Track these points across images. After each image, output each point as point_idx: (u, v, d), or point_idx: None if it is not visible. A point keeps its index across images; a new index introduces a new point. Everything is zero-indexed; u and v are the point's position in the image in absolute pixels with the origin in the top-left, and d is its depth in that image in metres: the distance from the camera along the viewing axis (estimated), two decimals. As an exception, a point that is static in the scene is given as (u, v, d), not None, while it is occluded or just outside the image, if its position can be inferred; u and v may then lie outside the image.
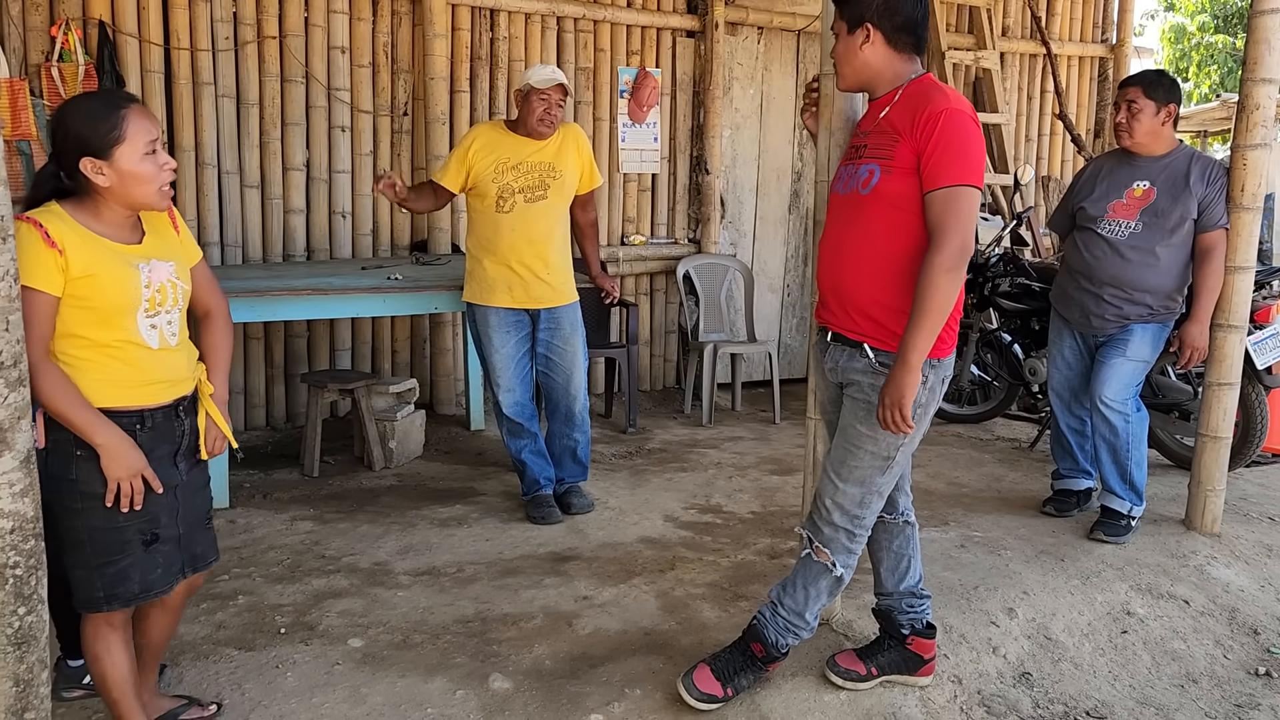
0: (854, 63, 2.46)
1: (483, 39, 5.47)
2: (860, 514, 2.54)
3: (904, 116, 2.36)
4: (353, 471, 4.58)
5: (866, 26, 2.41)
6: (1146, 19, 16.77)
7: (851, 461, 2.50)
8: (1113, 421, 3.78)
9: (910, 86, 2.43)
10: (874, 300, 2.43)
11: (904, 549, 2.76)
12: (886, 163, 2.37)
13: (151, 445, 2.15)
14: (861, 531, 2.58)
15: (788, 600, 2.66)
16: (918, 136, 2.31)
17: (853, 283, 2.47)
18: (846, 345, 2.52)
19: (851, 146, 2.56)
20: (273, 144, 5.02)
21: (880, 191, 2.38)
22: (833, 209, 2.57)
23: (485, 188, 3.86)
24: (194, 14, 4.74)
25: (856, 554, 2.61)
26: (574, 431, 4.10)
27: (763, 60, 6.26)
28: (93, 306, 2.06)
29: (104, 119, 2.06)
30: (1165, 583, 3.46)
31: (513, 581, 3.41)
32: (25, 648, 1.94)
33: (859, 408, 2.49)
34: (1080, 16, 7.29)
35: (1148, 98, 3.70)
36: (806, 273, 6.64)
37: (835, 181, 2.59)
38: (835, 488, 2.53)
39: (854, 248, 2.45)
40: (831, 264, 2.53)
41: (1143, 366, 3.79)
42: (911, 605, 2.78)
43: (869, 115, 2.52)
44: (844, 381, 2.55)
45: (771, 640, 2.66)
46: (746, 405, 6.01)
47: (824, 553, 2.58)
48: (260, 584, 3.34)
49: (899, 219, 2.37)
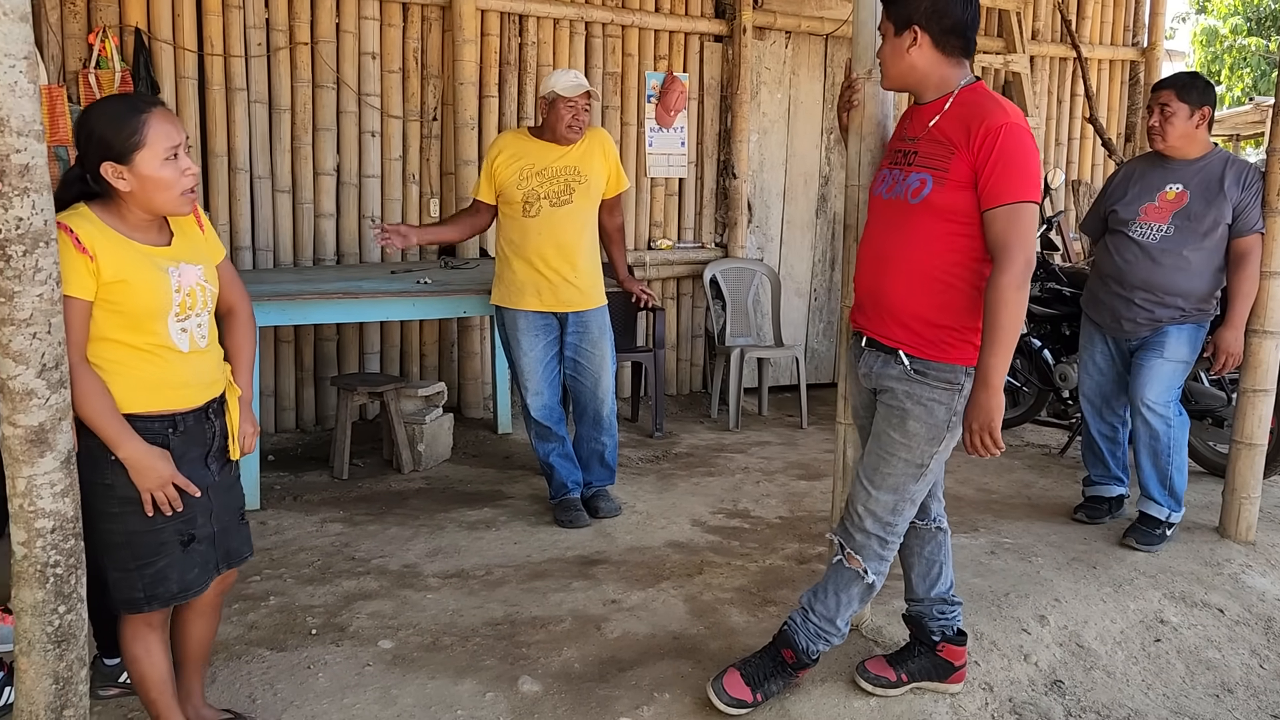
0: (900, 65, 2.44)
1: (511, 44, 5.49)
2: (893, 521, 2.53)
3: (959, 128, 2.34)
4: (382, 474, 4.61)
5: (914, 29, 2.38)
6: (1178, 21, 16.59)
7: (885, 469, 2.49)
8: (1154, 425, 3.74)
9: (963, 94, 2.40)
10: (913, 311, 2.42)
11: (936, 555, 2.74)
12: (940, 174, 2.35)
13: (183, 449, 2.16)
14: (894, 538, 2.56)
15: (819, 606, 2.65)
16: (975, 151, 2.29)
17: (893, 291, 2.45)
18: (881, 351, 2.51)
19: (897, 150, 2.53)
20: (304, 149, 5.07)
21: (931, 203, 2.36)
22: (875, 213, 2.55)
23: (511, 194, 3.89)
24: (227, 21, 4.80)
25: (888, 561, 2.60)
26: (602, 435, 4.11)
27: (790, 64, 6.25)
28: (124, 310, 2.06)
29: (125, 123, 2.03)
30: (1199, 591, 3.42)
31: (541, 585, 3.42)
32: (65, 645, 1.97)
33: (893, 414, 2.48)
34: (1111, 20, 7.23)
35: (1181, 101, 3.67)
36: (833, 277, 6.62)
37: (877, 184, 2.57)
38: (868, 494, 2.52)
39: (897, 256, 2.43)
40: (872, 270, 2.51)
41: (1182, 368, 3.75)
42: (943, 612, 2.76)
43: (916, 120, 2.49)
44: (878, 387, 2.54)
45: (802, 646, 2.65)
46: (773, 410, 6.00)
47: (855, 559, 2.57)
48: (291, 585, 3.37)
49: (947, 231, 2.36)
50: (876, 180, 2.58)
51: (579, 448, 4.15)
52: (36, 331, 1.85)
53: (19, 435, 1.88)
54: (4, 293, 1.83)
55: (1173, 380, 3.75)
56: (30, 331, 1.85)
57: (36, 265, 1.83)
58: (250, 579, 3.39)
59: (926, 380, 2.43)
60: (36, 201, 1.82)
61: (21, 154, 1.79)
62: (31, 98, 1.79)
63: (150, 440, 2.09)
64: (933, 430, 2.44)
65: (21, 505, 1.90)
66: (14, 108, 1.76)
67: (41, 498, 1.91)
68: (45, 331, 1.87)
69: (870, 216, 2.58)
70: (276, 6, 4.91)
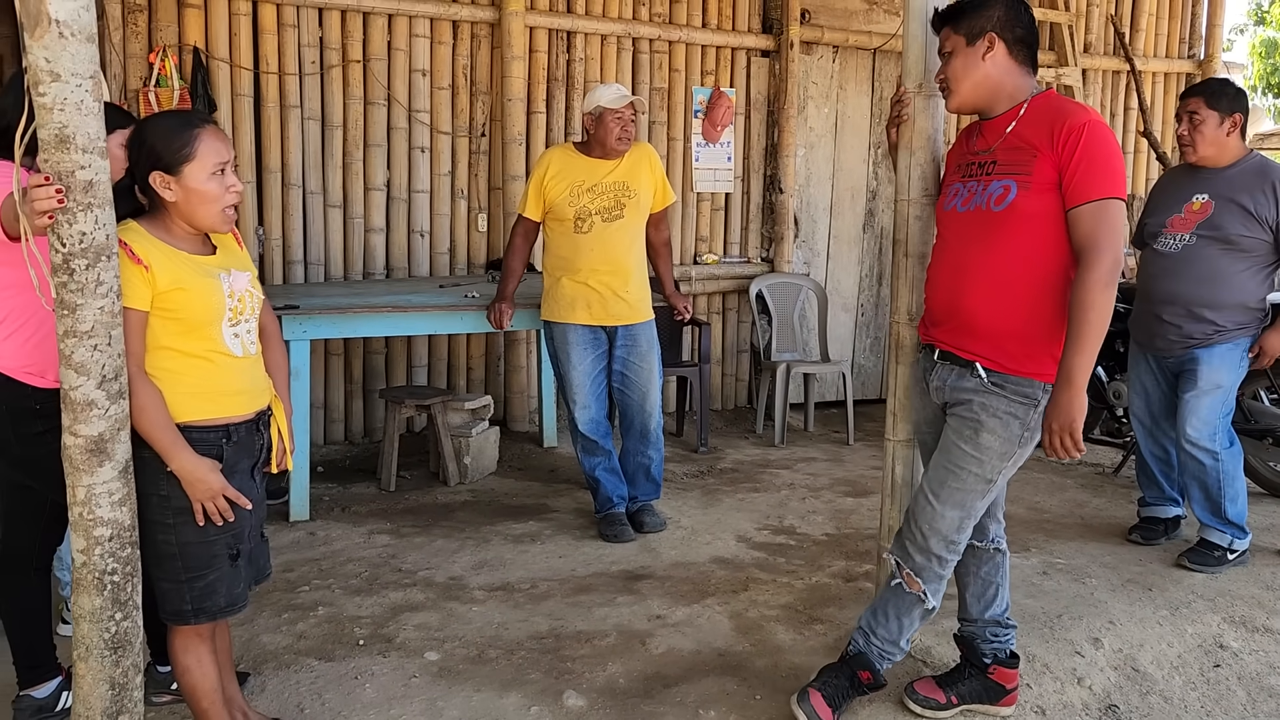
0: (974, 76, 2.42)
1: (559, 60, 5.54)
2: (956, 540, 2.50)
3: (1039, 131, 2.33)
4: (428, 486, 4.64)
5: (990, 36, 2.38)
6: (1235, 33, 16.28)
7: (953, 483, 2.45)
8: (1200, 459, 3.64)
9: (1036, 101, 2.40)
10: (994, 323, 2.39)
11: (992, 576, 2.70)
12: (1024, 179, 2.32)
13: (235, 460, 2.19)
14: (954, 558, 2.53)
15: (880, 630, 2.62)
16: (1059, 150, 2.28)
17: (974, 303, 2.42)
18: (956, 364, 2.47)
19: (971, 163, 2.50)
20: (355, 165, 5.14)
21: (1017, 208, 2.33)
22: (950, 227, 2.52)
23: (562, 211, 3.91)
24: (282, 39, 4.89)
25: (946, 580, 2.56)
26: (648, 449, 4.10)
27: (838, 79, 6.23)
28: (181, 318, 2.10)
29: (178, 136, 2.09)
30: (1260, 615, 3.33)
31: (586, 599, 3.42)
32: (121, 652, 2.01)
33: (965, 427, 2.44)
34: (1166, 32, 7.12)
35: (1210, 108, 3.56)
36: (881, 292, 6.57)
37: (949, 198, 2.54)
38: (933, 511, 2.48)
39: (980, 267, 2.40)
40: (950, 283, 2.48)
41: (1222, 394, 3.61)
42: (996, 634, 2.71)
43: (988, 132, 2.47)
44: (950, 401, 2.50)
45: (873, 667, 2.64)
46: (819, 426, 5.95)
47: (916, 582, 2.53)
48: (339, 595, 3.40)
49: (1032, 239, 2.33)
50: (947, 195, 2.56)
51: (625, 462, 4.15)
52: (97, 343, 1.90)
53: (79, 445, 1.92)
54: (67, 305, 1.87)
55: (1212, 412, 3.62)
56: (91, 343, 1.89)
57: (98, 279, 1.88)
58: (299, 589, 3.43)
59: (1004, 393, 2.39)
60: (99, 216, 1.87)
61: (86, 170, 1.83)
62: (97, 116, 1.84)
63: (205, 450, 2.12)
64: (1005, 444, 2.41)
65: (81, 514, 1.95)
66: (80, 125, 1.81)
67: (100, 506, 1.95)
68: (106, 343, 1.91)
69: (944, 230, 2.56)
70: (330, 25, 5.00)
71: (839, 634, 3.16)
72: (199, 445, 2.11)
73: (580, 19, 5.51)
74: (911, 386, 2.75)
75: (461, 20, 5.28)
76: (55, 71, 1.78)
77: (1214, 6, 7.17)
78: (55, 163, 1.82)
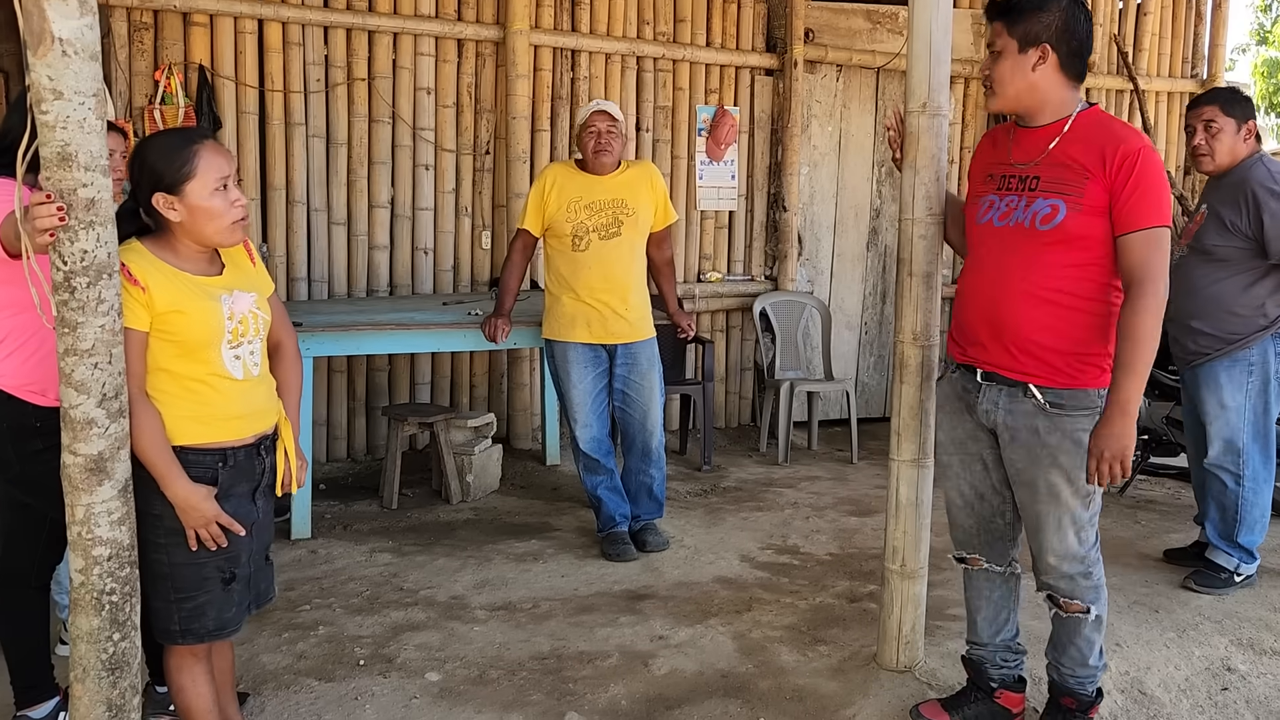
0: (1020, 84, 2.35)
1: (564, 79, 5.55)
2: (1085, 552, 2.46)
3: (1089, 151, 2.28)
4: (431, 504, 4.62)
5: (1044, 47, 2.31)
6: (1238, 53, 16.31)
7: (1055, 512, 2.42)
8: (1222, 479, 3.63)
9: (1083, 118, 2.35)
10: (1042, 340, 2.35)
11: (1005, 601, 2.67)
12: (1075, 200, 2.28)
13: (231, 483, 2.16)
14: (1095, 565, 2.49)
15: (1065, 660, 2.59)
16: (1111, 175, 2.24)
17: (1019, 320, 2.37)
18: (1005, 385, 2.42)
19: (1009, 176, 2.43)
20: (359, 182, 5.15)
21: (1066, 229, 2.29)
22: (986, 241, 2.45)
23: (561, 227, 3.91)
24: (288, 58, 4.91)
25: (1102, 584, 2.52)
26: (650, 468, 4.09)
27: (841, 98, 6.24)
28: (178, 340, 2.09)
29: (176, 155, 2.07)
30: (1268, 638, 3.30)
31: (588, 619, 3.40)
32: (118, 673, 1.99)
33: (1040, 456, 2.39)
34: (1169, 52, 7.12)
35: (1227, 115, 3.51)
36: (884, 311, 6.55)
37: (983, 210, 2.47)
38: (1047, 545, 2.46)
39: (1025, 285, 2.35)
40: (990, 299, 2.42)
41: (1234, 413, 3.56)
42: (1006, 659, 2.69)
43: (1028, 143, 2.41)
44: (1007, 427, 2.44)
45: (1073, 692, 2.61)
46: (823, 444, 5.93)
47: (1074, 605, 2.50)
48: (340, 615, 3.38)
49: (1079, 258, 2.31)
50: (981, 208, 2.48)
51: (627, 480, 4.13)
52: (98, 362, 1.89)
53: (79, 463, 1.91)
54: (68, 323, 1.87)
55: (1226, 431, 3.58)
56: (92, 361, 1.88)
57: (99, 297, 1.87)
58: (300, 608, 3.41)
59: (1065, 411, 2.36)
60: (101, 235, 1.86)
61: (88, 188, 1.83)
62: (99, 134, 1.84)
63: (199, 473, 2.10)
64: (1084, 457, 2.36)
65: (80, 533, 1.94)
66: (82, 144, 1.81)
67: (99, 525, 1.94)
68: (106, 361, 1.91)
69: (978, 244, 2.49)
70: (335, 43, 5.02)
71: (843, 655, 3.14)
72: (193, 468, 2.10)
73: (584, 38, 5.52)
74: (940, 405, 2.67)
75: (466, 39, 5.30)
76: (58, 89, 1.78)
77: (1216, 27, 7.18)
78: (57, 180, 1.81)
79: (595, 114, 3.89)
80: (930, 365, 2.85)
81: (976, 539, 2.64)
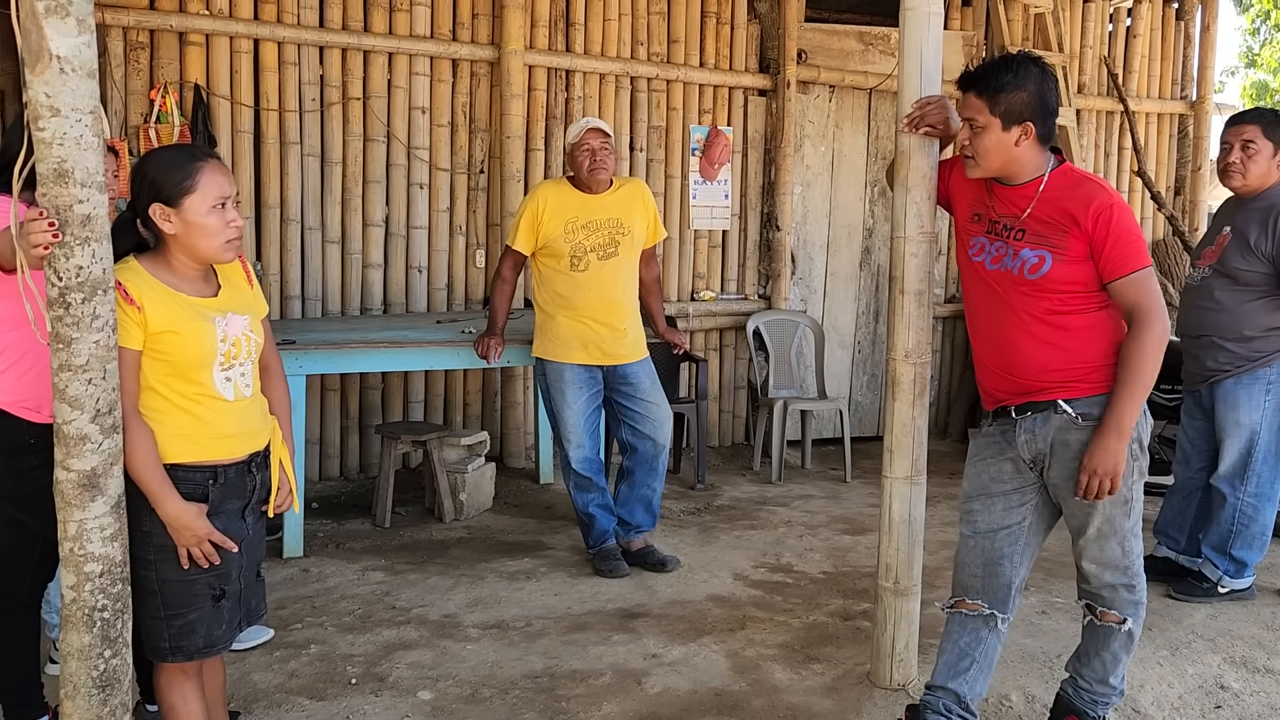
0: (1004, 157, 2.48)
1: (558, 99, 5.58)
2: (1128, 563, 2.52)
3: (1069, 209, 2.41)
4: (423, 523, 4.61)
5: (1027, 125, 2.44)
6: (1227, 75, 16.46)
7: (1096, 521, 2.48)
8: (1224, 493, 3.68)
9: (1057, 177, 2.49)
10: (1052, 368, 2.46)
11: (972, 649, 2.62)
12: (1059, 251, 2.43)
13: (221, 500, 2.16)
14: (1138, 579, 2.54)
15: (1086, 672, 2.63)
16: (1090, 230, 2.39)
17: (1028, 359, 2.49)
18: (1038, 411, 2.50)
19: (994, 221, 2.55)
20: (354, 201, 5.17)
21: (1052, 278, 2.43)
22: (979, 283, 2.58)
23: (558, 248, 3.91)
24: (283, 77, 4.93)
25: (1143, 602, 2.57)
26: (654, 481, 4.09)
27: (834, 118, 6.29)
28: (170, 360, 2.08)
29: (180, 168, 2.08)
30: (1261, 656, 3.30)
31: (581, 637, 3.39)
32: (109, 690, 1.98)
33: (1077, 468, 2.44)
34: (1159, 73, 7.19)
35: (1267, 138, 3.55)
36: (878, 329, 6.58)
37: (974, 251, 2.59)
38: (1090, 550, 2.52)
39: (1023, 327, 2.48)
40: (998, 347, 2.55)
41: (1247, 432, 3.61)
42: (949, 708, 2.60)
43: (1008, 199, 2.52)
44: (1041, 451, 2.50)
45: (1083, 711, 2.63)
46: (816, 463, 5.93)
47: (1110, 615, 2.55)
48: (332, 633, 3.37)
49: (1070, 298, 2.45)
50: (973, 247, 2.60)
51: (629, 492, 4.10)
52: (92, 377, 1.89)
53: (71, 479, 1.91)
54: (62, 339, 1.87)
55: (1237, 450, 3.63)
56: (86, 377, 1.88)
57: (94, 313, 1.88)
58: (292, 627, 3.40)
59: (1096, 418, 2.42)
60: (96, 251, 1.87)
61: (84, 204, 1.84)
62: (95, 150, 1.85)
63: (190, 490, 2.10)
64: (1125, 463, 2.41)
65: (72, 549, 1.93)
66: (78, 160, 1.82)
67: (92, 542, 1.93)
68: (100, 377, 1.91)
69: (974, 286, 2.62)
70: (331, 63, 5.05)
71: (837, 673, 3.14)
72: (183, 485, 2.09)
73: (579, 58, 5.56)
74: (971, 458, 2.68)
75: (461, 59, 5.33)
76: (55, 106, 1.79)
77: (1205, 49, 7.25)
78: (54, 197, 1.82)
79: (589, 131, 3.90)
80: (923, 382, 2.87)
81: (979, 580, 2.62)
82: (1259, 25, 15.84)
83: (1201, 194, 7.27)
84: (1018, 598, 2.65)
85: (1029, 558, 2.62)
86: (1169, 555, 3.93)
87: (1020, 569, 2.61)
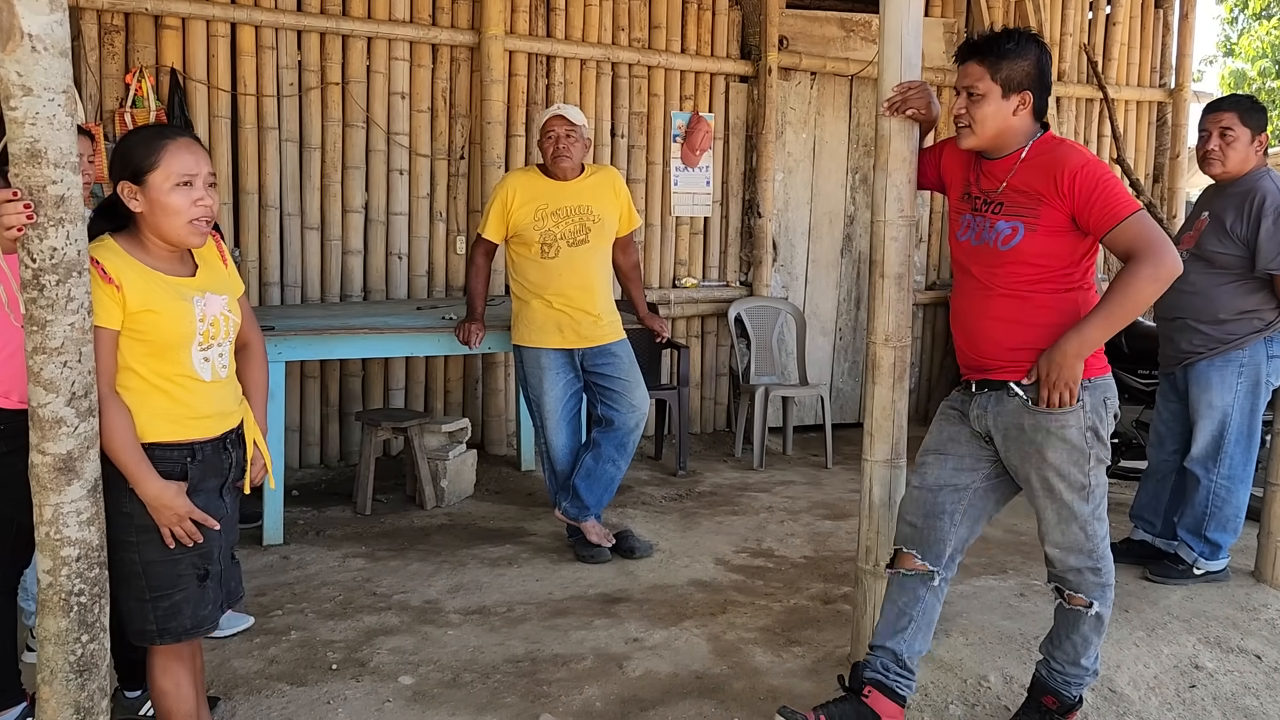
0: (1000, 125, 2.48)
1: (539, 84, 5.56)
2: (1092, 546, 2.53)
3: (1040, 179, 2.42)
4: (405, 510, 4.60)
5: (1025, 94, 2.46)
6: (1205, 64, 16.59)
7: (1053, 507, 2.50)
8: (1197, 476, 3.71)
9: (1035, 147, 2.49)
10: (1011, 345, 2.48)
11: (910, 609, 2.64)
12: (1031, 221, 2.44)
13: (200, 478, 2.15)
14: (1104, 562, 2.55)
15: (1058, 654, 2.65)
16: (1065, 196, 2.39)
17: (990, 330, 2.51)
18: (991, 389, 2.53)
19: (975, 197, 2.57)
20: (333, 187, 5.13)
21: (1022, 250, 2.44)
22: (964, 258, 2.60)
23: (528, 235, 3.90)
24: (261, 61, 4.89)
25: (1110, 584, 2.58)
26: (621, 459, 4.03)
27: (815, 105, 6.29)
28: (149, 340, 2.07)
29: (146, 146, 2.06)
30: (1235, 636, 3.34)
31: (563, 622, 3.39)
32: (86, 675, 1.97)
33: (1029, 455, 2.48)
34: (1138, 61, 7.23)
35: (1244, 125, 3.56)
36: (859, 316, 6.60)
37: (961, 228, 2.61)
38: (1053, 535, 2.54)
39: (991, 298, 2.50)
40: (967, 316, 2.59)
41: (1218, 413, 3.64)
42: (888, 666, 2.62)
43: (992, 173, 2.54)
44: (998, 430, 2.53)
45: (1057, 692, 2.66)
46: (798, 449, 5.95)
47: (1077, 598, 2.56)
48: (313, 620, 3.36)
49: (1040, 274, 2.45)
50: (960, 225, 2.62)
51: (595, 465, 4.00)
52: (67, 360, 1.87)
53: (47, 463, 1.89)
54: (37, 321, 1.85)
55: (1210, 432, 3.66)
56: (61, 360, 1.87)
57: (69, 295, 1.86)
58: (272, 613, 3.38)
59: (1047, 407, 2.43)
60: (70, 232, 1.85)
61: (58, 185, 1.82)
62: (69, 131, 1.83)
63: (168, 469, 2.09)
64: (1074, 453, 2.44)
65: (48, 533, 1.91)
66: (51, 140, 1.80)
67: (68, 526, 1.92)
68: (76, 360, 1.89)
69: (959, 261, 2.64)
70: (309, 48, 5.00)
71: (817, 656, 3.16)
72: (162, 464, 2.08)
73: (559, 43, 5.54)
74: (937, 417, 2.73)
75: (441, 44, 5.30)
76: (27, 85, 1.76)
77: (1183, 37, 7.29)
78: (26, 177, 1.80)
79: (553, 119, 3.89)
80: (903, 366, 2.88)
81: (917, 532, 2.64)
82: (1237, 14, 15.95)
83: (1180, 181, 7.32)
84: (956, 559, 2.68)
85: (971, 522, 2.63)
86: (1145, 539, 3.96)
87: (959, 529, 2.62)
